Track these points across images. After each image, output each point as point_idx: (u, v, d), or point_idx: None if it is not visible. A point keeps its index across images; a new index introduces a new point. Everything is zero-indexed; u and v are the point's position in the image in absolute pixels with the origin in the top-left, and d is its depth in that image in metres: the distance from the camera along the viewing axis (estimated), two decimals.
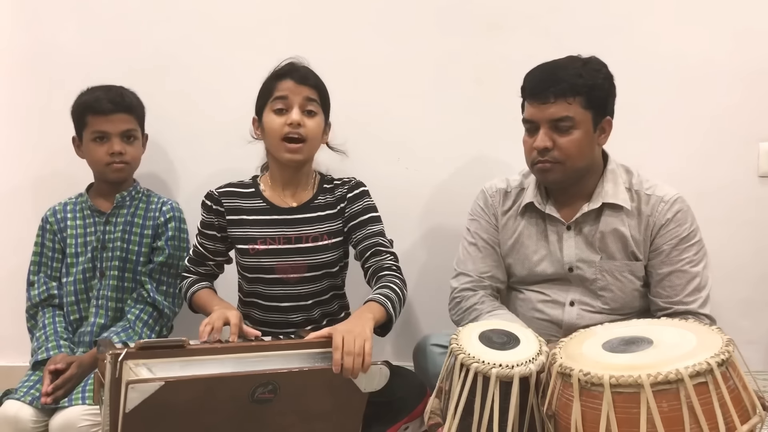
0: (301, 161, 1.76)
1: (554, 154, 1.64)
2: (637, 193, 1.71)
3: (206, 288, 1.81)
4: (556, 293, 1.75)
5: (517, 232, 1.78)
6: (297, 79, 1.73)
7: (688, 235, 1.67)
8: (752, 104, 2.16)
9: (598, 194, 1.70)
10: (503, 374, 1.32)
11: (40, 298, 1.93)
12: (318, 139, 1.78)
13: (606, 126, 1.68)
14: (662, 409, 1.15)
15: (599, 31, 2.09)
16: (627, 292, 1.72)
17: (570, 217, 1.73)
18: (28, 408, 1.69)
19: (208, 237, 1.83)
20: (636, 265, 1.71)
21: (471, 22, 2.18)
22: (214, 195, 1.81)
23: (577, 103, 1.61)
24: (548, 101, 1.61)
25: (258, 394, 1.34)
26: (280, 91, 1.73)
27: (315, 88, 1.75)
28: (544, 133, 1.63)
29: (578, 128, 1.62)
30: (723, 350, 1.21)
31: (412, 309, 2.29)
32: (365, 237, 1.76)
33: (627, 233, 1.69)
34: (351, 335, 1.41)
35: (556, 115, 1.61)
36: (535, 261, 1.76)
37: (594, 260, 1.71)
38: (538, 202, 1.74)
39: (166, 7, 2.22)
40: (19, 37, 2.25)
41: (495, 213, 1.82)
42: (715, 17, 2.13)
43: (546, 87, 1.62)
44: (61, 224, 1.97)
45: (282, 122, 1.71)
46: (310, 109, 1.74)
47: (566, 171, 1.65)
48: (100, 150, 1.89)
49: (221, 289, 1.87)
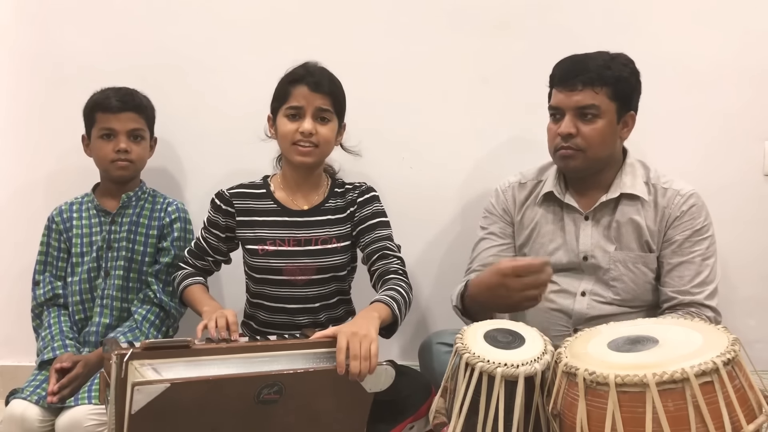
0: (312, 164, 1.76)
1: (577, 141, 1.67)
2: (654, 186, 1.74)
3: (199, 284, 1.82)
4: (568, 283, 1.77)
5: (534, 221, 1.81)
6: (311, 86, 1.72)
7: (701, 228, 1.71)
8: (759, 103, 2.16)
9: (616, 185, 1.74)
10: (508, 373, 1.32)
11: (45, 298, 1.93)
12: (330, 144, 1.77)
13: (629, 120, 1.71)
14: (668, 409, 1.15)
15: (606, 31, 2.09)
16: (639, 284, 1.73)
17: (588, 207, 1.76)
18: (34, 407, 1.69)
19: (211, 234, 1.84)
20: (649, 257, 1.73)
21: (478, 22, 2.18)
22: (225, 195, 1.82)
23: (603, 93, 1.65)
24: (576, 89, 1.66)
25: (263, 395, 1.34)
26: (294, 97, 1.72)
27: (329, 95, 1.73)
28: (569, 120, 1.67)
29: (603, 118, 1.66)
30: (729, 349, 1.20)
31: (419, 308, 2.29)
32: (373, 241, 1.77)
33: (643, 224, 1.72)
34: (357, 338, 1.40)
35: (582, 103, 1.65)
36: (551, 249, 1.78)
37: (609, 250, 1.73)
38: (558, 191, 1.77)
39: (173, 5, 2.23)
40: (24, 37, 2.26)
41: (506, 208, 1.85)
42: (723, 17, 2.13)
43: (575, 75, 1.66)
44: (67, 224, 1.97)
45: (294, 129, 1.72)
46: (324, 116, 1.73)
47: (587, 159, 1.69)
48: (106, 147, 1.90)
49: (229, 289, 1.88)
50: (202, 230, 1.86)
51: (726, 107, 2.16)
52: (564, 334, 1.65)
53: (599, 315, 1.72)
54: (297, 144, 1.72)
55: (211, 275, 1.91)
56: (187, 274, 1.84)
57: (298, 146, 1.72)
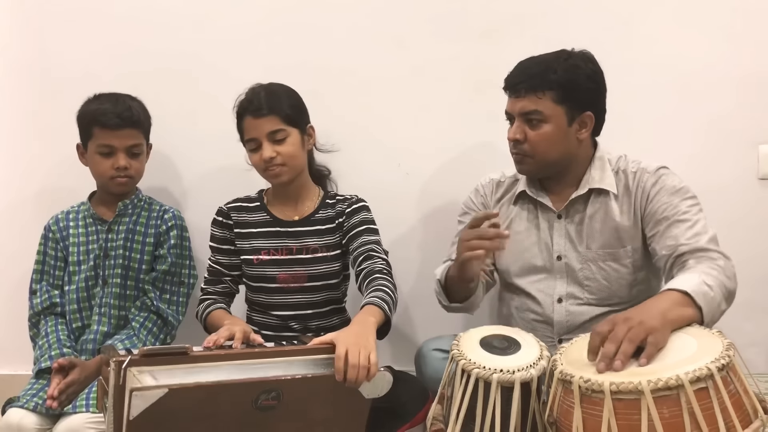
0: (288, 182, 1.82)
1: (524, 147, 1.68)
2: (623, 172, 1.73)
3: (219, 309, 1.82)
4: (543, 290, 1.76)
5: (509, 219, 1.81)
6: (253, 114, 1.77)
7: (680, 189, 1.65)
8: (752, 107, 2.16)
9: (585, 181, 1.73)
10: (504, 380, 1.33)
11: (43, 307, 1.93)
12: (297, 157, 1.80)
13: (587, 120, 1.68)
14: (663, 416, 1.15)
15: (596, 35, 2.08)
16: (612, 281, 1.72)
17: (560, 205, 1.75)
18: (31, 416, 1.70)
19: (222, 252, 1.87)
20: (620, 253, 1.70)
21: (467, 28, 2.19)
22: (224, 210, 1.89)
23: (547, 98, 1.64)
24: (519, 95, 1.67)
25: (261, 401, 1.35)
26: (247, 131, 1.79)
27: (276, 114, 1.76)
28: (516, 126, 1.69)
29: (548, 122, 1.65)
30: (723, 355, 1.21)
31: (412, 314, 2.29)
32: (360, 245, 1.79)
33: (615, 217, 1.70)
34: (356, 348, 1.41)
35: (525, 109, 1.66)
36: (526, 247, 1.78)
37: (580, 249, 1.73)
38: (531, 191, 1.77)
39: (169, 12, 2.23)
40: (18, 43, 2.26)
41: (485, 203, 1.86)
42: (715, 21, 2.14)
43: (518, 81, 1.67)
44: (64, 232, 1.97)
45: (258, 158, 1.78)
46: (279, 138, 1.77)
47: (537, 164, 1.70)
48: (105, 163, 1.90)
49: None
50: (211, 256, 1.89)
51: (720, 111, 2.16)
52: (550, 344, 1.64)
53: (581, 321, 1.72)
54: (267, 170, 1.78)
55: (233, 299, 1.91)
56: (208, 304, 1.84)
57: (269, 172, 1.78)
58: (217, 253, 1.88)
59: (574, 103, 1.66)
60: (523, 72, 1.68)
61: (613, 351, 1.25)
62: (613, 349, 1.26)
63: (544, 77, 1.63)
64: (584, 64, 1.67)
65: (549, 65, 1.65)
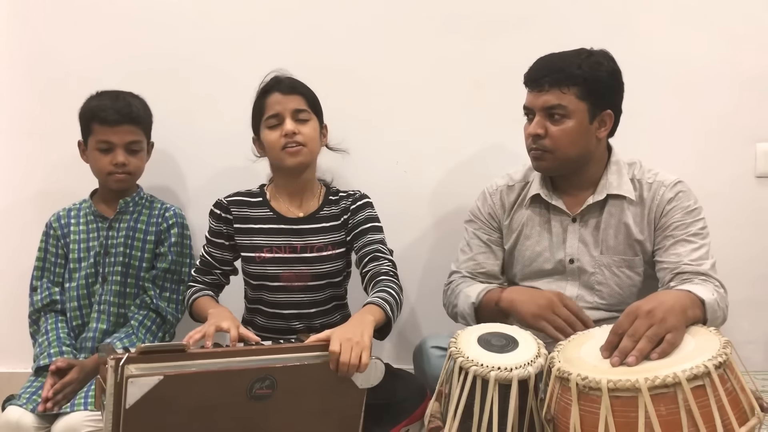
0: (305, 164, 1.78)
1: (545, 143, 1.66)
2: (639, 182, 1.73)
3: (206, 296, 1.82)
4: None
5: (521, 224, 1.80)
6: (283, 90, 1.77)
7: (693, 210, 1.68)
8: (750, 105, 2.17)
9: (602, 186, 1.72)
10: (502, 377, 1.33)
11: (43, 304, 1.93)
12: (316, 142, 1.80)
13: (606, 119, 1.69)
14: (660, 413, 1.16)
15: (596, 33, 2.06)
16: (624, 287, 1.72)
17: (575, 208, 1.74)
18: (30, 414, 1.69)
19: (216, 246, 1.85)
20: (635, 261, 1.71)
21: (467, 26, 2.19)
22: (223, 203, 1.84)
23: (571, 93, 1.63)
24: (543, 89, 1.65)
25: (256, 390, 1.36)
26: (270, 106, 1.77)
27: (303, 96, 1.78)
28: (537, 121, 1.66)
29: (571, 118, 1.64)
30: (720, 353, 1.22)
31: (413, 311, 2.30)
32: (365, 244, 1.78)
33: (630, 224, 1.70)
34: (349, 344, 1.42)
35: (549, 103, 1.64)
36: (537, 252, 1.78)
37: (594, 254, 1.73)
38: (545, 194, 1.76)
39: (169, 11, 2.22)
40: (17, 42, 2.25)
41: (493, 213, 1.84)
42: (713, 20, 2.15)
43: (542, 75, 1.66)
44: (65, 230, 1.97)
45: (278, 135, 1.75)
46: (302, 117, 1.77)
47: (557, 160, 1.68)
48: (104, 160, 1.90)
49: (227, 296, 1.89)
50: (205, 246, 1.87)
51: (718, 109, 2.17)
52: (549, 343, 1.64)
53: None
54: (285, 148, 1.75)
55: (222, 290, 1.91)
56: (194, 291, 1.83)
57: (288, 149, 1.75)
58: (211, 245, 1.86)
59: (596, 99, 1.65)
60: (547, 66, 1.66)
61: (630, 347, 1.27)
62: (631, 346, 1.28)
63: (569, 72, 1.63)
64: (606, 62, 1.67)
65: (572, 61, 1.64)
